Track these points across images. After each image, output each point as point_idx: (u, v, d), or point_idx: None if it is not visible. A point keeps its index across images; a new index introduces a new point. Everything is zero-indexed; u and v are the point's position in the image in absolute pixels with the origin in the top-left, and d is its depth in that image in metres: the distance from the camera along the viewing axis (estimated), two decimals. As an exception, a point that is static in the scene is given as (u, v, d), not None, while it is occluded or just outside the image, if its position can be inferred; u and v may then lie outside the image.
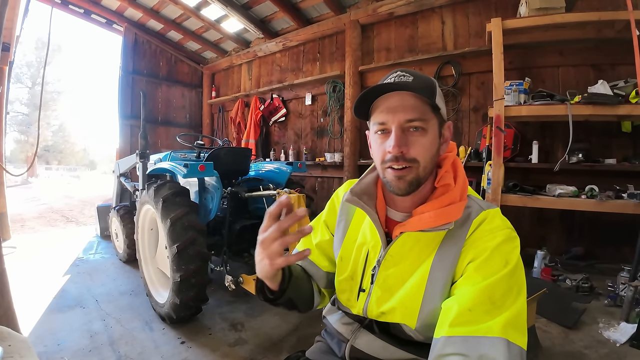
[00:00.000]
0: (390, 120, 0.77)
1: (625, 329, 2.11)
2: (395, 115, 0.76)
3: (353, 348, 0.90)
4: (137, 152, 3.35)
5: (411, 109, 0.75)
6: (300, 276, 0.95)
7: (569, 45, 3.22)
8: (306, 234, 0.69)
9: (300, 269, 0.99)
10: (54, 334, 2.25)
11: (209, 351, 2.08)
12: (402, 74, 0.78)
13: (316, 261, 1.01)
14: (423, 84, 0.77)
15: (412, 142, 0.76)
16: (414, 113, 0.75)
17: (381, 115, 0.78)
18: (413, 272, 0.80)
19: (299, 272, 0.95)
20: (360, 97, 0.78)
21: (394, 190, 0.79)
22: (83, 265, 3.70)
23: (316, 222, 1.06)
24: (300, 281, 0.93)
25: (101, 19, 6.14)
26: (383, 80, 0.80)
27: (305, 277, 0.99)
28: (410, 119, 0.75)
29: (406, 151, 0.75)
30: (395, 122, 0.76)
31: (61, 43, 29.85)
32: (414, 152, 0.76)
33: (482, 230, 0.76)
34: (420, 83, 0.76)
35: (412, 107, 0.75)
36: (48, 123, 27.60)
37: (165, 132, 6.76)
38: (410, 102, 0.76)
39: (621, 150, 3.11)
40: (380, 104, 0.79)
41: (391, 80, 0.78)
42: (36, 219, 7.15)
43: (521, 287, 0.70)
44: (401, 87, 0.76)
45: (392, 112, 0.76)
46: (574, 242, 3.31)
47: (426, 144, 0.77)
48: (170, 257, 2.23)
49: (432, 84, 0.79)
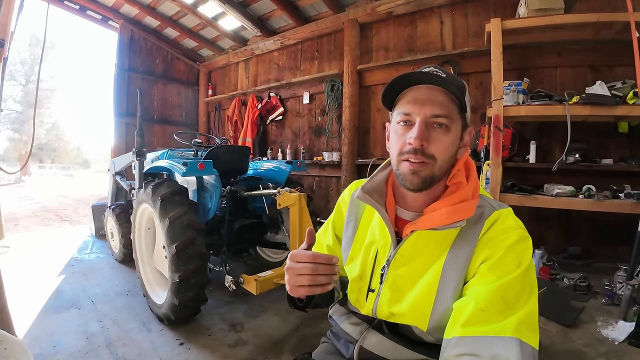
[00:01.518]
0: (416, 112, 0.76)
1: (623, 327, 2.12)
2: (422, 108, 0.75)
3: (362, 349, 0.88)
4: (134, 150, 3.31)
5: (439, 105, 0.75)
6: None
7: (567, 46, 3.24)
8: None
9: None
10: (50, 335, 2.22)
11: (208, 352, 2.06)
12: (435, 70, 0.77)
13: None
14: (455, 82, 0.76)
15: (434, 138, 0.75)
16: (441, 109, 0.75)
17: (407, 106, 0.77)
18: (424, 272, 0.79)
19: None
20: (391, 83, 0.77)
21: (406, 184, 0.78)
22: (78, 265, 3.66)
23: (327, 225, 1.06)
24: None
25: (97, 15, 6.07)
26: (419, 71, 0.79)
27: None
28: (436, 114, 0.74)
29: (426, 146, 0.75)
30: (420, 115, 0.75)
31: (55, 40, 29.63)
32: (433, 149, 0.75)
33: (495, 230, 0.75)
34: (452, 81, 0.76)
35: (440, 103, 0.75)
36: (42, 121, 27.28)
37: (161, 130, 6.71)
38: (439, 98, 0.75)
39: (618, 151, 3.14)
40: (407, 94, 0.78)
41: (426, 72, 0.77)
42: (30, 218, 7.07)
43: (533, 287, 0.69)
44: (434, 81, 0.75)
45: (419, 104, 0.75)
46: (571, 241, 3.33)
47: (447, 143, 0.76)
48: (168, 257, 2.21)
49: (463, 85, 0.79)
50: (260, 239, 3.12)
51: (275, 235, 3.29)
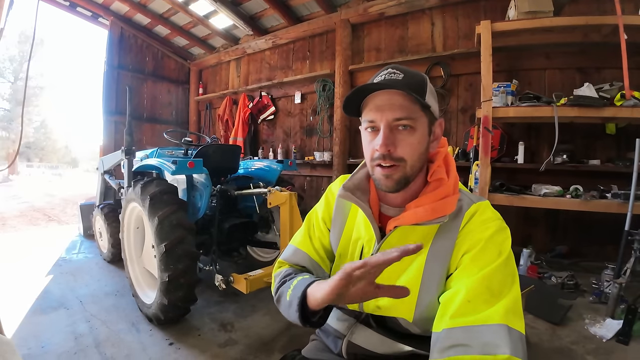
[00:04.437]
0: (378, 119, 0.77)
1: (611, 325, 2.16)
2: (383, 114, 0.76)
3: (350, 343, 0.90)
4: (123, 149, 3.27)
5: (399, 108, 0.75)
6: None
7: (556, 48, 3.29)
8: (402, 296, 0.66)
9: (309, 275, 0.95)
10: (38, 336, 2.18)
11: (198, 352, 2.04)
12: (392, 72, 0.78)
13: (321, 263, 0.98)
14: (413, 81, 0.77)
15: (400, 141, 0.76)
16: (402, 112, 0.75)
17: (370, 114, 0.79)
18: (408, 265, 0.81)
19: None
20: (349, 95, 0.79)
21: (382, 188, 0.80)
22: (66, 265, 3.60)
23: (314, 218, 1.04)
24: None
25: (87, 12, 5.99)
26: (374, 78, 0.81)
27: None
28: (398, 117, 0.75)
29: (393, 150, 0.76)
30: (383, 121, 0.76)
31: (44, 37, 29.13)
32: (401, 151, 0.76)
33: (474, 222, 0.77)
34: (410, 80, 0.76)
35: (400, 106, 0.76)
36: (30, 119, 26.86)
37: (151, 128, 6.64)
38: (398, 101, 0.76)
39: (605, 152, 3.19)
40: (369, 102, 0.79)
41: (381, 78, 0.79)
42: (17, 217, 6.95)
43: (514, 275, 0.72)
44: (388, 86, 0.76)
45: (380, 111, 0.77)
46: (559, 240, 3.38)
47: (414, 143, 0.77)
48: (157, 256, 2.18)
49: (423, 81, 0.79)
50: (250, 238, 3.11)
51: (266, 235, 3.28)
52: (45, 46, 29.96)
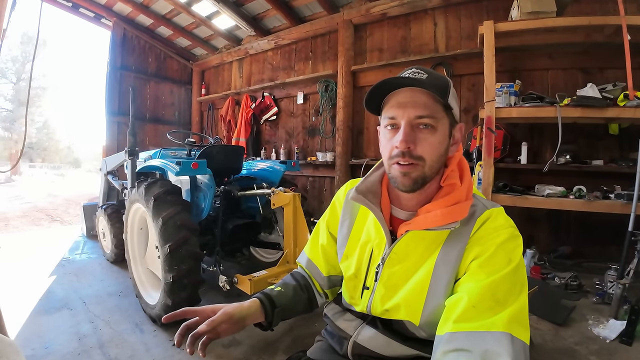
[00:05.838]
0: (400, 115, 0.76)
1: (614, 325, 2.16)
2: (405, 111, 0.76)
3: (356, 344, 0.89)
4: (126, 150, 3.28)
5: (422, 106, 0.75)
6: (287, 299, 0.97)
7: (558, 49, 3.28)
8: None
9: (293, 287, 1.01)
10: (41, 336, 2.18)
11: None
12: (417, 71, 0.78)
13: (319, 265, 1.02)
14: (437, 82, 0.76)
15: (420, 140, 0.75)
16: (424, 110, 0.75)
17: (392, 110, 0.78)
18: (417, 269, 0.80)
19: (286, 297, 0.97)
20: (373, 88, 0.78)
21: (398, 186, 0.79)
22: (69, 266, 3.61)
23: (321, 224, 1.07)
24: (288, 305, 0.96)
25: (89, 13, 6.01)
26: (398, 76, 0.80)
27: (294, 295, 1.00)
28: (420, 115, 0.75)
29: (413, 148, 0.75)
30: (404, 118, 0.76)
31: (46, 37, 29.23)
32: (421, 150, 0.75)
33: (486, 228, 0.76)
34: (434, 81, 0.76)
35: (423, 104, 0.75)
36: (32, 120, 26.96)
37: (154, 129, 6.66)
38: (421, 99, 0.75)
39: (608, 152, 3.18)
40: (391, 99, 0.79)
41: (405, 76, 0.78)
42: (20, 217, 6.98)
43: (523, 284, 0.71)
44: (413, 84, 0.75)
45: (402, 108, 0.76)
46: (562, 241, 3.38)
47: (434, 143, 0.76)
48: (161, 257, 2.19)
49: (447, 83, 0.78)
50: (254, 239, 3.11)
51: (269, 235, 3.28)
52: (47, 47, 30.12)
